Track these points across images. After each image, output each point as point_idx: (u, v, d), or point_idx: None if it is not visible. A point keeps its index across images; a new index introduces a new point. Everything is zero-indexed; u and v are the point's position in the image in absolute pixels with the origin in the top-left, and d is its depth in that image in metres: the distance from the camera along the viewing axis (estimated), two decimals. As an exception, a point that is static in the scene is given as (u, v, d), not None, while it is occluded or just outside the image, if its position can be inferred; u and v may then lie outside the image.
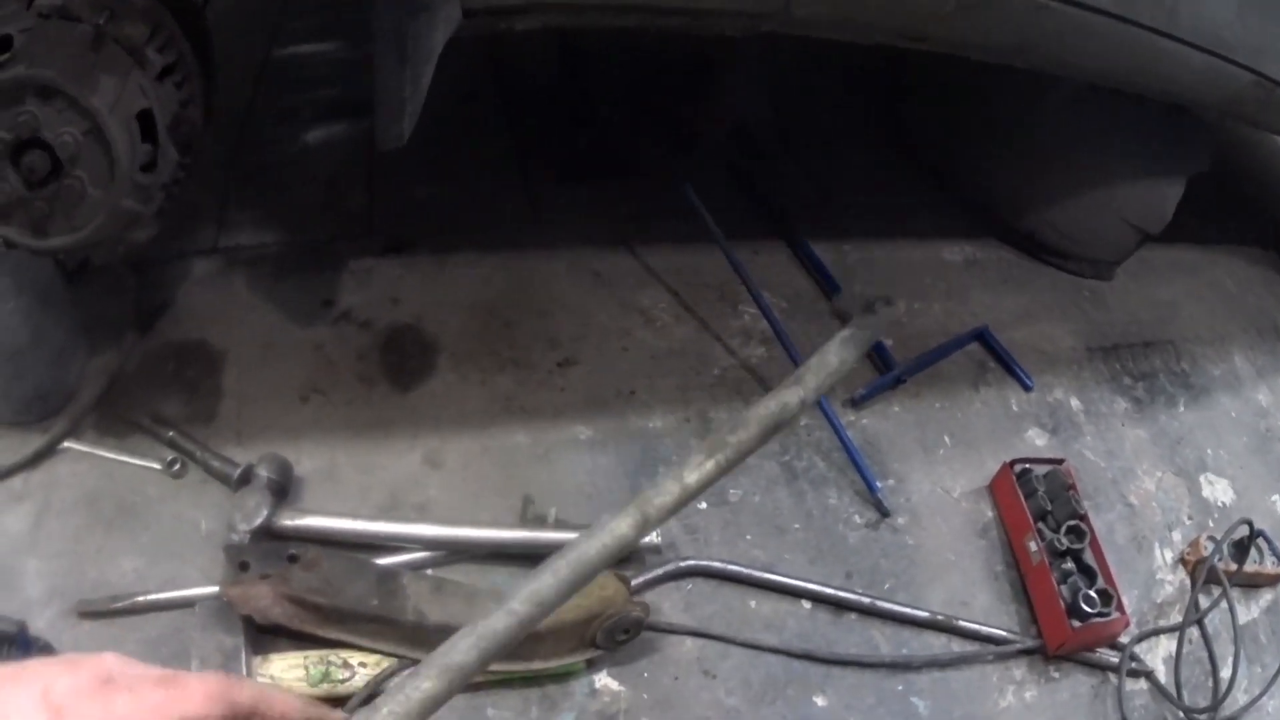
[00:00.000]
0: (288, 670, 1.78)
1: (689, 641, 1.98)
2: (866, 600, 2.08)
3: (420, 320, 2.37)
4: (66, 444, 2.09)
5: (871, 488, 2.21)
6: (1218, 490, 2.52)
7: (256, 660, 1.79)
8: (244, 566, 1.81)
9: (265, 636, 1.81)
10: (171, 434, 2.09)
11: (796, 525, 2.16)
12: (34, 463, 2.04)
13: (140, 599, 1.89)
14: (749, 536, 2.12)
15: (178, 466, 2.06)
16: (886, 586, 2.12)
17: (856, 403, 2.36)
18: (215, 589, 1.82)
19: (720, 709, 1.91)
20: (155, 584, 1.89)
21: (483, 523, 2.04)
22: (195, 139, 1.84)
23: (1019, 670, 2.08)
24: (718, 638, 1.99)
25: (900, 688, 2.00)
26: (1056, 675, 2.08)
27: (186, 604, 1.86)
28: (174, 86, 1.74)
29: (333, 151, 2.72)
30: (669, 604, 2.01)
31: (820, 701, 1.95)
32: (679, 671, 1.94)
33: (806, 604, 2.07)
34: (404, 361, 2.29)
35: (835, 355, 1.70)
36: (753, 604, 2.04)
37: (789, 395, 1.60)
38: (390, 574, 1.86)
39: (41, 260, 1.98)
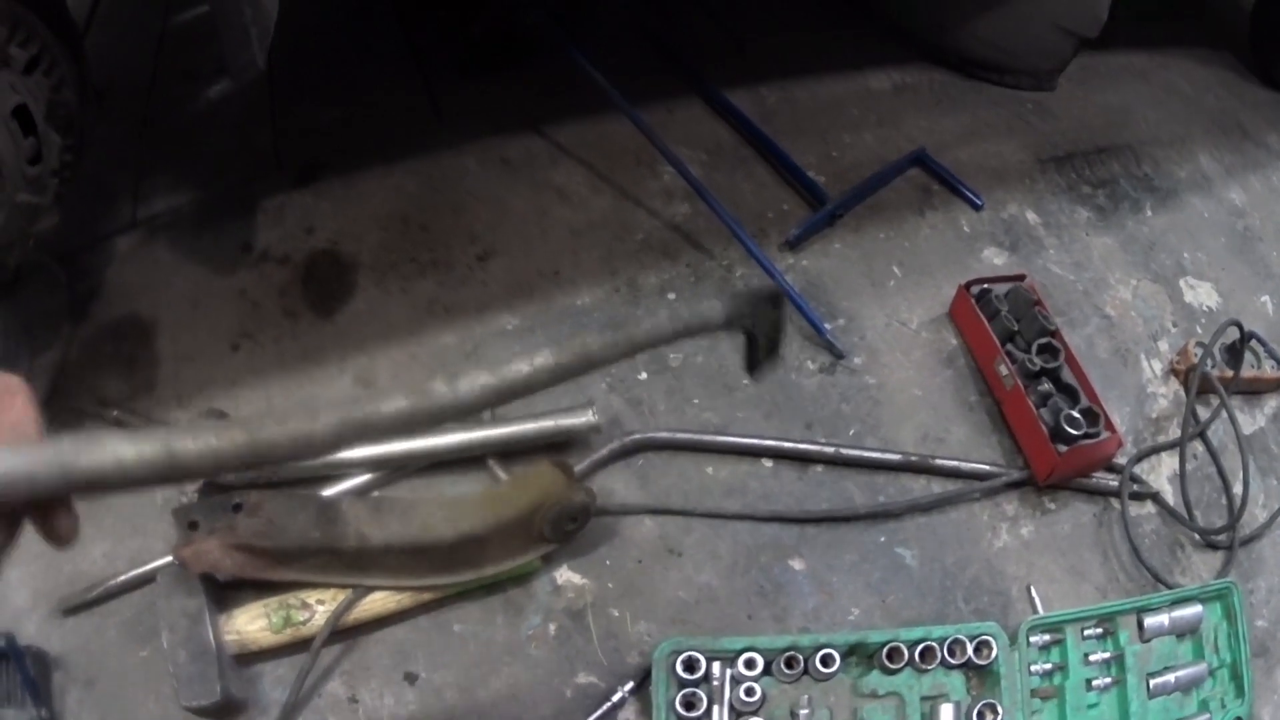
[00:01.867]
0: (251, 622, 1.71)
1: (648, 521, 1.85)
2: (831, 450, 1.94)
3: (336, 243, 2.25)
4: None
5: (819, 330, 2.06)
6: (1200, 294, 2.37)
7: (222, 618, 1.71)
8: (193, 525, 1.71)
9: (227, 592, 1.73)
10: (115, 413, 2.02)
11: (745, 381, 2.01)
12: None
13: (112, 582, 1.82)
14: (696, 400, 1.99)
15: None
16: (851, 433, 1.99)
17: (792, 244, 2.21)
18: (170, 558, 1.74)
19: (692, 587, 1.79)
20: (124, 564, 1.82)
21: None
22: (75, 120, 1.78)
23: (1010, 505, 1.95)
24: (678, 512, 1.86)
25: (883, 539, 1.88)
26: (1053, 506, 1.95)
27: (152, 577, 1.79)
28: (43, 75, 1.69)
29: (236, 100, 2.57)
30: (621, 484, 1.88)
31: (797, 565, 1.83)
32: (642, 554, 1.82)
33: (768, 462, 1.93)
34: (325, 288, 2.18)
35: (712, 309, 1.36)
36: (710, 470, 1.91)
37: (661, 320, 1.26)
38: (330, 503, 1.75)
39: None
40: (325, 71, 2.60)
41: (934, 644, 1.65)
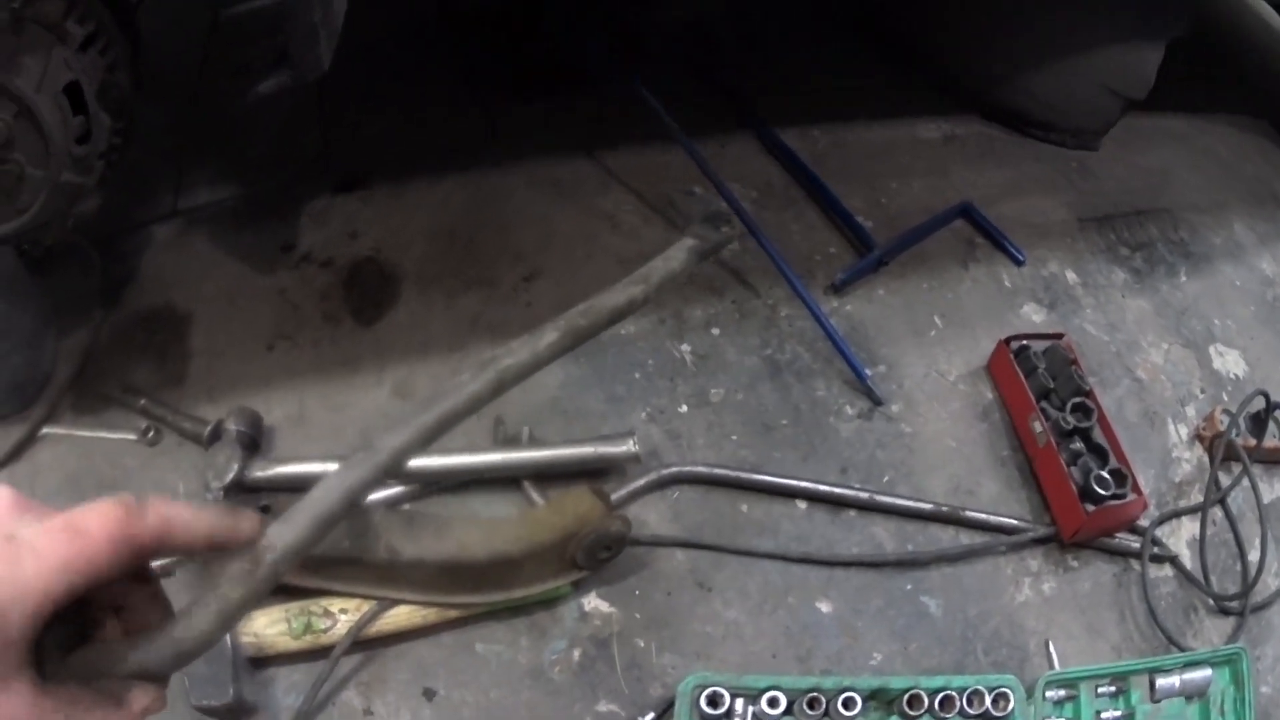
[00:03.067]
0: (270, 625, 1.67)
1: (679, 553, 1.82)
2: (865, 495, 1.91)
3: (380, 251, 2.22)
4: (45, 429, 2.00)
5: (860, 376, 2.03)
6: (1229, 362, 2.33)
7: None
8: None
9: None
10: (142, 402, 1.98)
11: (784, 421, 1.99)
12: (16, 454, 1.94)
13: None
14: (735, 437, 1.96)
15: (152, 434, 1.96)
16: (885, 479, 1.96)
17: (837, 288, 2.18)
18: None
19: (719, 622, 1.77)
20: None
21: (456, 449, 1.87)
22: (126, 103, 1.75)
23: (1034, 561, 1.92)
24: (710, 547, 1.83)
25: (909, 587, 1.85)
26: (1075, 564, 1.93)
27: (168, 572, 1.75)
28: (98, 54, 1.66)
29: (284, 98, 2.55)
30: (655, 515, 1.85)
31: (824, 607, 1.80)
32: (671, 586, 1.79)
33: (801, 504, 1.91)
34: (367, 295, 2.15)
35: (676, 258, 1.67)
36: (744, 508, 1.88)
37: (634, 290, 1.56)
38: (361, 514, 1.72)
39: (1, 252, 1.91)
40: (376, 81, 2.57)
41: (953, 693, 1.64)
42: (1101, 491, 1.84)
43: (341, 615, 1.68)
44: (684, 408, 1.97)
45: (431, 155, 2.42)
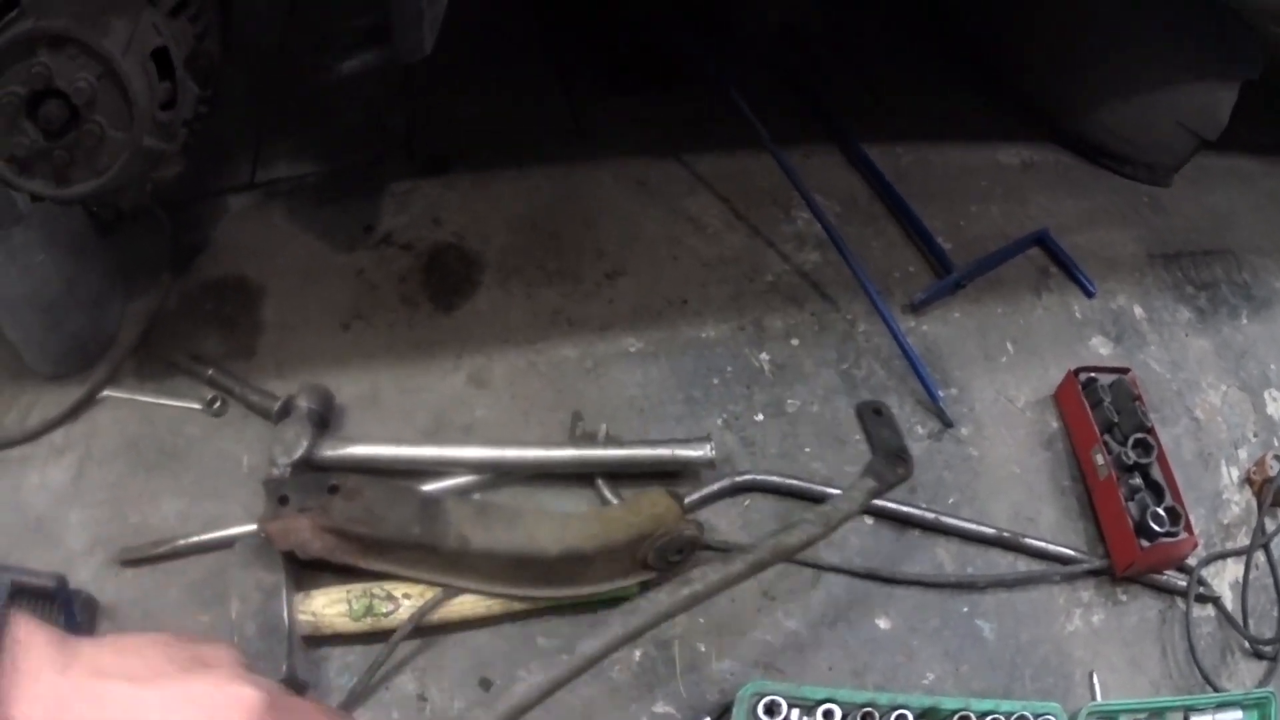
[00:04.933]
0: (330, 605, 1.63)
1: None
2: (931, 516, 1.87)
3: (463, 238, 2.17)
4: (106, 392, 1.96)
5: (933, 397, 1.98)
6: (1282, 408, 2.21)
7: (298, 597, 1.64)
8: (283, 501, 1.64)
9: (307, 572, 1.65)
10: (210, 372, 1.95)
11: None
12: (74, 414, 1.91)
13: (181, 542, 1.75)
14: (808, 449, 1.91)
15: (218, 404, 1.93)
16: (950, 501, 1.91)
17: (915, 307, 2.13)
18: (253, 527, 1.67)
19: (779, 632, 1.73)
20: (197, 525, 1.75)
21: (531, 442, 1.85)
22: (214, 72, 1.72)
23: (1086, 592, 1.88)
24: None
25: (965, 609, 1.80)
26: (1124, 598, 1.88)
27: (228, 544, 1.71)
28: (188, 21, 1.63)
29: (369, 77, 2.52)
30: (725, 521, 1.81)
31: (883, 624, 1.76)
32: (736, 593, 1.72)
33: (869, 520, 1.86)
34: (447, 281, 2.10)
35: (855, 500, 1.69)
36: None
37: (814, 530, 1.60)
38: (432, 500, 1.68)
39: (71, 210, 1.88)
40: (465, 67, 2.54)
41: (1001, 717, 1.60)
42: (1156, 528, 1.80)
43: (405, 600, 1.64)
44: (760, 416, 1.93)
45: (518, 145, 2.37)
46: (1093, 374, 2.04)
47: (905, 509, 1.86)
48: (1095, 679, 1.78)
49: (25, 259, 1.84)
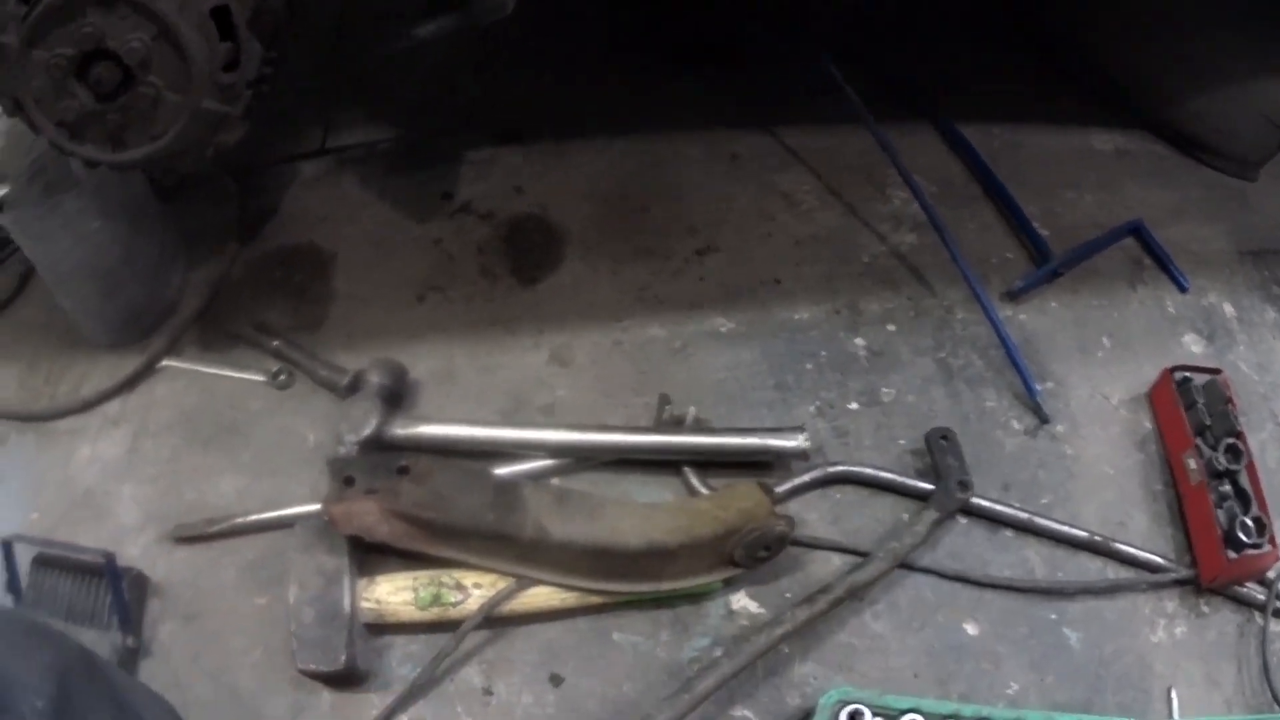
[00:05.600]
0: (395, 593, 1.41)
1: (835, 558, 1.52)
2: (1024, 516, 1.60)
3: (545, 209, 1.94)
4: (165, 362, 1.76)
5: (1031, 391, 1.70)
6: (1365, 416, 1.96)
7: (361, 583, 1.42)
8: (349, 481, 1.42)
9: (372, 556, 1.44)
10: (276, 343, 1.73)
11: (956, 426, 1.64)
12: (130, 385, 1.71)
13: (239, 520, 1.54)
14: (902, 441, 1.65)
15: (283, 377, 1.72)
16: (1044, 501, 1.63)
17: (1014, 295, 1.86)
18: (317, 507, 1.45)
19: (865, 635, 1.48)
20: (256, 504, 1.55)
21: (615, 425, 1.61)
22: (280, 31, 1.52)
23: (1171, 602, 1.60)
24: (868, 555, 1.50)
25: (1053, 616, 1.54)
26: (1206, 610, 1.60)
27: (288, 524, 1.50)
28: None
29: (438, 46, 2.20)
30: (815, 515, 1.55)
31: (971, 629, 1.50)
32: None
33: (962, 519, 1.59)
34: (529, 253, 1.87)
35: (919, 533, 1.51)
36: (905, 517, 1.57)
37: (882, 565, 1.47)
38: (509, 486, 1.45)
39: (128, 176, 1.68)
40: (540, 36, 2.24)
41: (1084, 734, 1.36)
42: (1244, 539, 1.55)
43: (475, 590, 1.42)
44: (854, 405, 1.67)
45: (596, 115, 2.10)
46: (1187, 374, 1.75)
47: (999, 508, 1.59)
48: (1174, 696, 1.52)
49: (79, 227, 1.64)
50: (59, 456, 1.64)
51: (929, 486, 1.57)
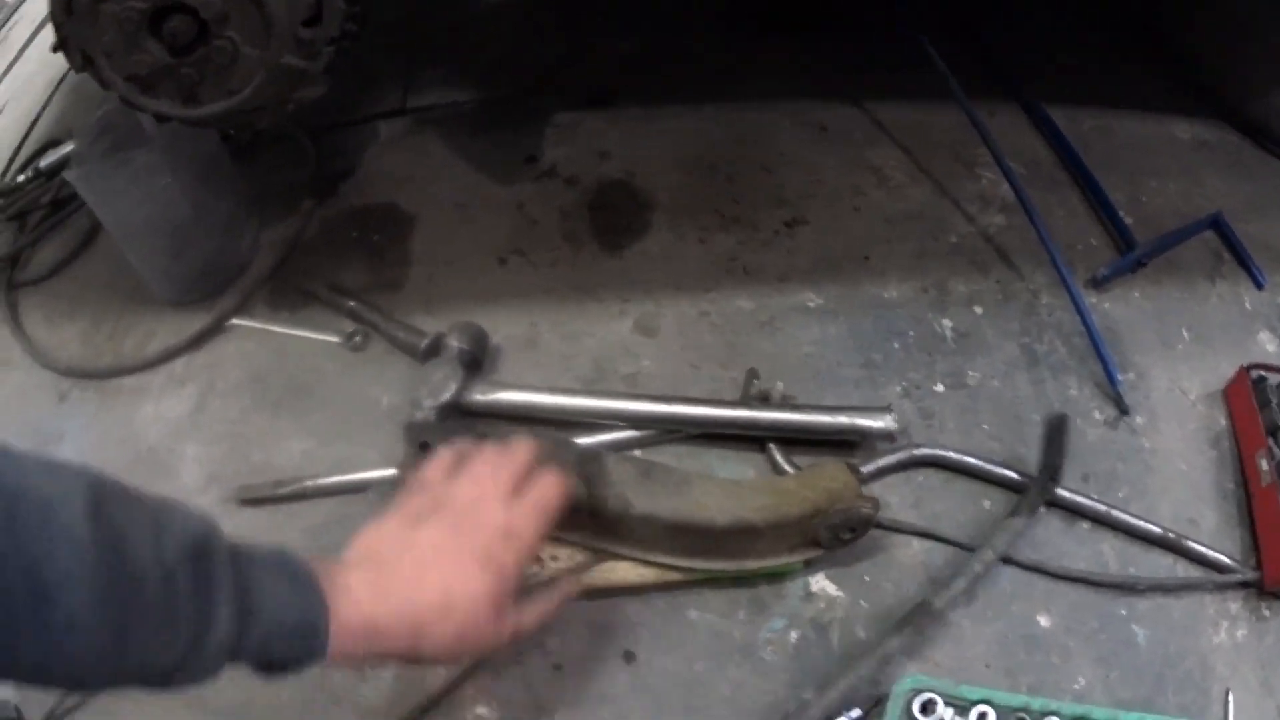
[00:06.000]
0: None
1: (915, 543, 1.39)
2: (1102, 509, 1.45)
3: (632, 175, 1.80)
4: (235, 320, 1.63)
5: (1113, 380, 1.56)
6: None
7: None
8: (425, 447, 1.29)
9: None
10: (352, 304, 1.60)
11: (1035, 417, 1.51)
12: (198, 343, 1.59)
13: (308, 484, 1.41)
14: (986, 426, 1.50)
15: (358, 339, 1.58)
16: (1121, 494, 1.49)
17: (1098, 283, 1.71)
18: (391, 473, 1.34)
19: (940, 622, 1.33)
20: (325, 467, 1.42)
21: (700, 398, 1.46)
22: None
23: (1234, 604, 1.46)
24: (950, 542, 1.39)
25: (1123, 612, 1.40)
26: (1267, 614, 1.45)
27: (358, 488, 1.38)
28: None
29: (521, 6, 2.03)
30: (897, 498, 1.42)
31: (1044, 621, 1.37)
32: (902, 577, 1.36)
33: (1042, 508, 1.43)
34: (615, 219, 1.72)
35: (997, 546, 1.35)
36: (986, 504, 1.43)
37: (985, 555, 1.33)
38: (592, 456, 1.30)
39: (201, 132, 1.55)
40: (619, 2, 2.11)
41: (1147, 733, 1.27)
42: None
43: (551, 562, 1.29)
44: (940, 387, 1.53)
45: (682, 81, 1.95)
46: (1263, 372, 1.61)
47: (1079, 499, 1.45)
48: (1230, 700, 1.39)
49: (149, 182, 1.52)
50: (121, 415, 1.52)
51: (1015, 475, 1.44)
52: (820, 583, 1.35)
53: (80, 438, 1.51)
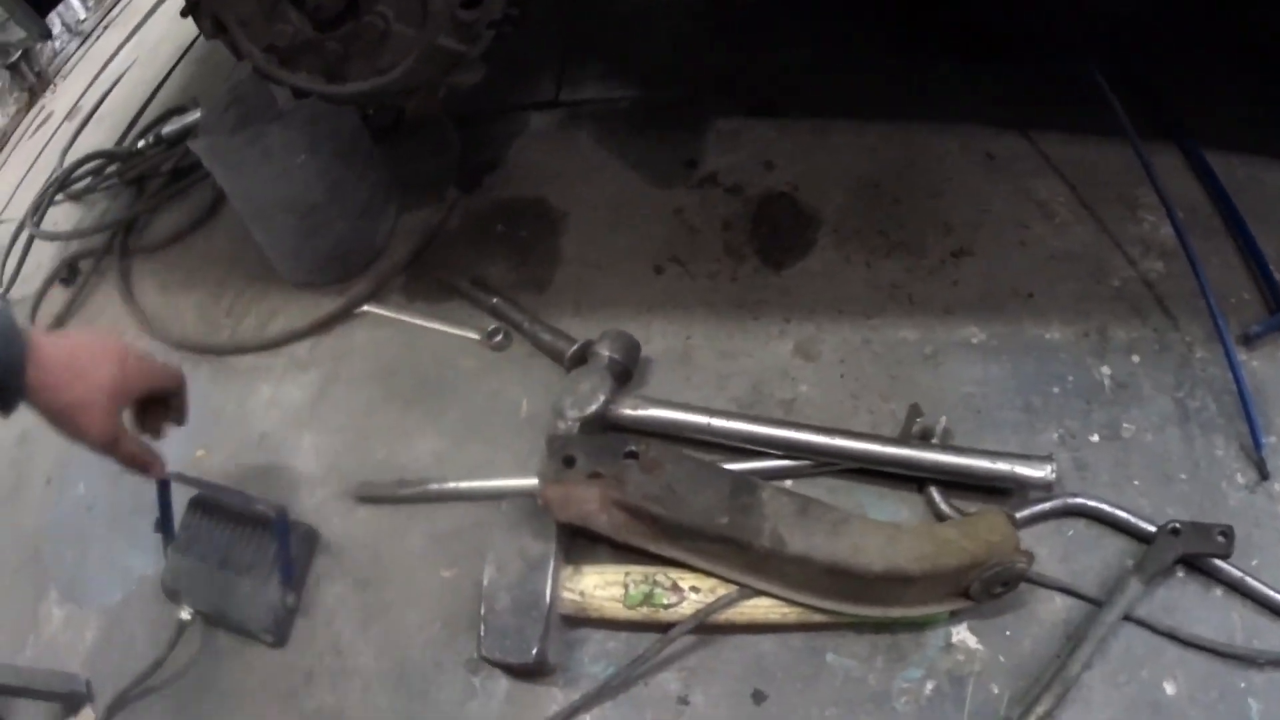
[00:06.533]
0: (603, 587, 1.16)
1: (1058, 599, 1.23)
2: (1237, 575, 1.28)
3: (797, 189, 1.62)
4: (366, 308, 1.48)
5: (1258, 444, 1.38)
6: None
7: (567, 571, 1.17)
8: (569, 462, 1.15)
9: (578, 542, 1.19)
10: (496, 300, 1.44)
11: (1183, 475, 1.34)
12: (325, 327, 1.46)
13: (433, 486, 1.28)
14: (1136, 482, 1.33)
15: (499, 338, 1.44)
16: (1254, 563, 1.31)
17: (1249, 340, 1.50)
18: (528, 483, 1.20)
19: (1074, 682, 1.17)
20: (456, 471, 1.28)
21: (861, 431, 1.29)
22: None
23: None
24: (1091, 600, 1.22)
25: (1242, 685, 1.24)
26: None
27: (489, 497, 1.24)
28: None
29: (678, 9, 1.82)
30: (1046, 550, 1.26)
31: (1170, 689, 1.21)
32: (1042, 633, 1.21)
33: (1180, 571, 1.28)
34: (778, 234, 1.55)
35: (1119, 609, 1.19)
36: (1129, 563, 1.26)
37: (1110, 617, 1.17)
38: (745, 486, 1.16)
39: (341, 111, 1.42)
40: (789, 8, 1.90)
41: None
42: None
43: (691, 594, 1.16)
44: (1095, 437, 1.35)
45: (854, 96, 1.75)
46: None
47: (1218, 564, 1.28)
48: None
49: (282, 159, 1.38)
50: (235, 394, 1.42)
51: (1169, 533, 1.27)
52: (961, 634, 1.21)
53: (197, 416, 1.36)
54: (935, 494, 1.25)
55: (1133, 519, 1.28)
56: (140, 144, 2.01)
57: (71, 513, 1.50)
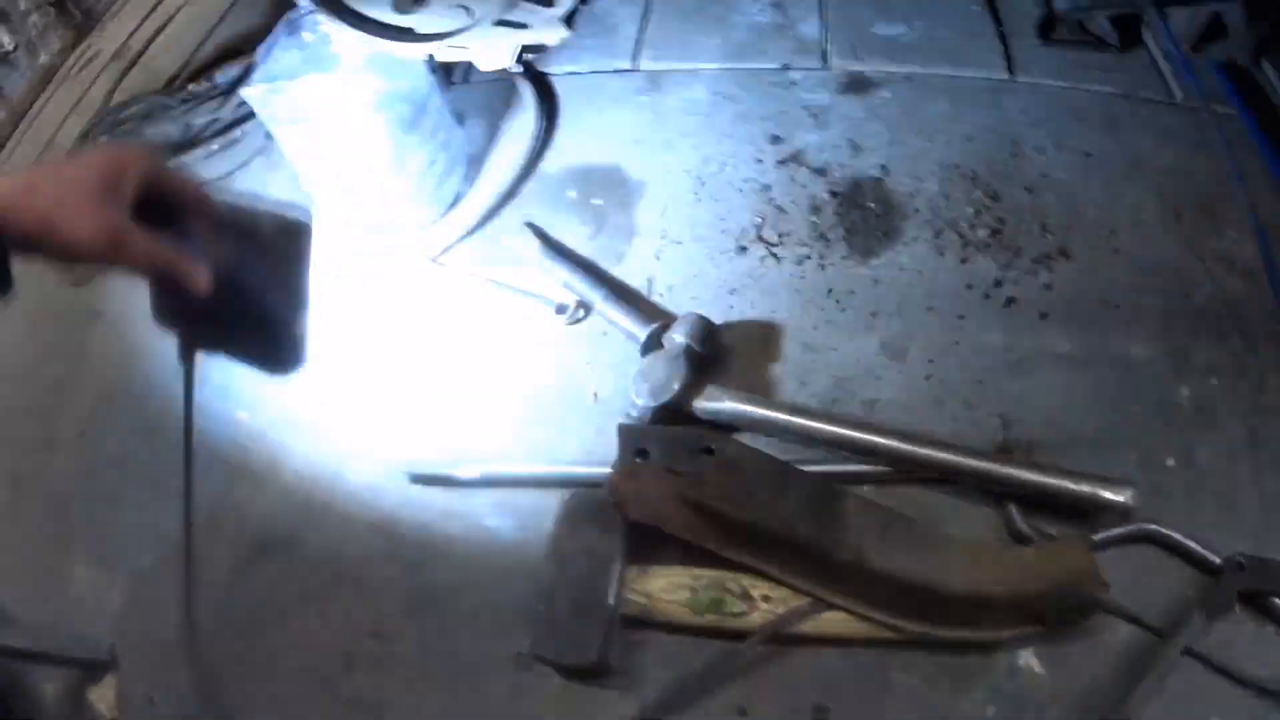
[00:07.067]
0: (670, 590, 1.07)
1: (1125, 629, 1.16)
2: None
3: (888, 174, 1.51)
4: (435, 261, 1.41)
5: None
6: None
7: (632, 571, 1.07)
8: (642, 454, 1.07)
9: (647, 541, 1.09)
10: (568, 272, 1.34)
11: (1251, 506, 1.26)
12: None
13: (493, 471, 1.19)
14: (1208, 510, 1.25)
15: (574, 311, 1.33)
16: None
17: None
18: (594, 472, 1.12)
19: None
20: (518, 454, 1.20)
21: (945, 441, 1.20)
22: None
23: None
24: (1155, 631, 1.16)
25: None
26: None
27: (552, 484, 1.16)
28: None
29: None
30: (1117, 574, 1.16)
31: None
32: (1107, 662, 1.14)
33: (1238, 607, 1.20)
34: (867, 222, 1.44)
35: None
36: (1191, 594, 1.19)
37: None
38: (828, 493, 1.09)
39: (408, 63, 1.39)
40: None
41: None
42: None
43: (762, 603, 1.08)
44: (1171, 461, 1.27)
45: (949, 79, 1.65)
46: None
47: (1276, 600, 1.20)
48: None
49: (343, 113, 1.30)
50: None
51: (1235, 567, 1.20)
52: (1028, 658, 1.13)
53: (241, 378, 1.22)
54: (1014, 511, 1.17)
55: (1200, 550, 1.21)
56: (191, 86, 1.91)
57: (104, 469, 1.40)
